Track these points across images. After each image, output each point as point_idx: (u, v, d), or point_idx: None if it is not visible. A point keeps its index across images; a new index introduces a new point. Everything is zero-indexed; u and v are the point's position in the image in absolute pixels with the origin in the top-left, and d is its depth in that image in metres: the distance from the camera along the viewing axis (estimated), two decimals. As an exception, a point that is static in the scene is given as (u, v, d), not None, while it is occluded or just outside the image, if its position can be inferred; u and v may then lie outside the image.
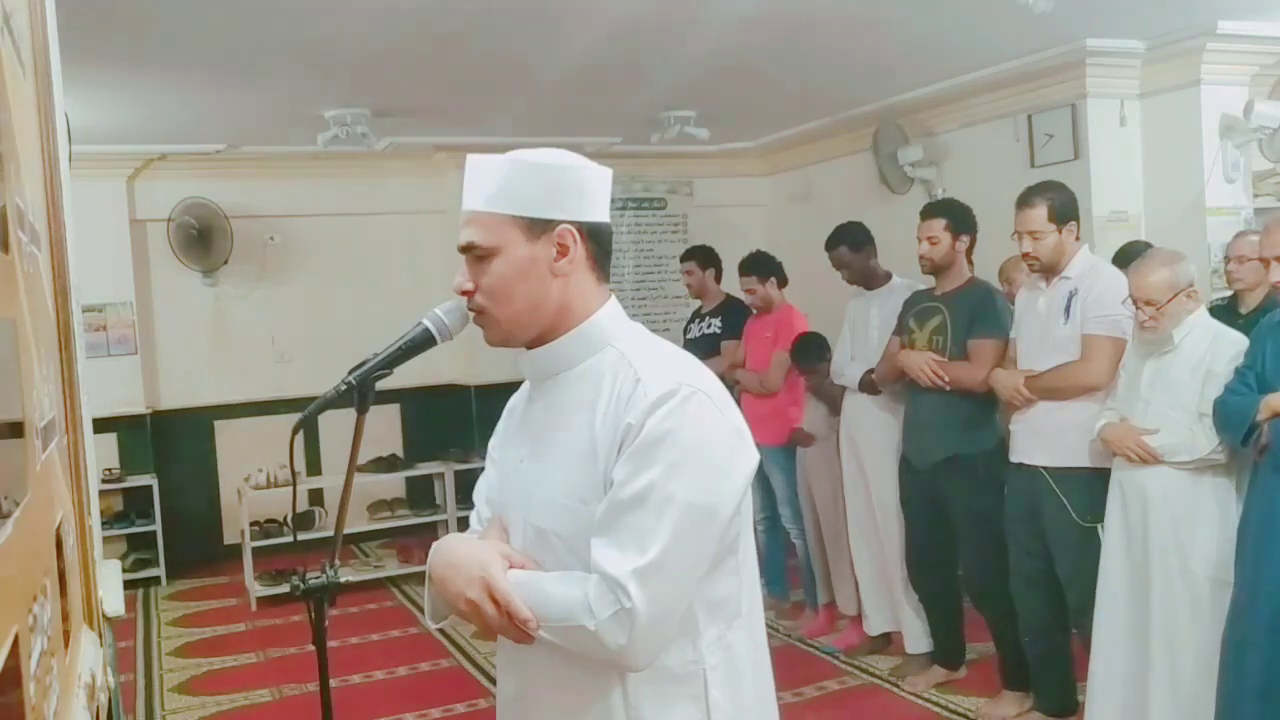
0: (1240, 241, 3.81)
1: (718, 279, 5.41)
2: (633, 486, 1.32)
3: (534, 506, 1.45)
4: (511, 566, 1.40)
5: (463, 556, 1.43)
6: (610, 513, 1.34)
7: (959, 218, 3.89)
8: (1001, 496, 3.70)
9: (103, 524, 4.61)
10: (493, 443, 1.62)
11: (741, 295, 5.15)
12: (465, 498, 6.21)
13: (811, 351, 4.60)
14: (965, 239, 3.89)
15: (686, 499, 1.33)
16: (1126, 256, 3.98)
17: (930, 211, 3.98)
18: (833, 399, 4.54)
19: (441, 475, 6.52)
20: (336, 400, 1.47)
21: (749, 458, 1.42)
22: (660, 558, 1.31)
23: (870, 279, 4.43)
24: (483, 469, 1.65)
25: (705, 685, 1.40)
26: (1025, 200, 3.50)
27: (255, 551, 5.92)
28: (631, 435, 1.34)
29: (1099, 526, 3.32)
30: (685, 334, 5.51)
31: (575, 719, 1.42)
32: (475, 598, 1.37)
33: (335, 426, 3.02)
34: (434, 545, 1.50)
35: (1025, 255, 3.51)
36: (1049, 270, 3.49)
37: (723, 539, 1.39)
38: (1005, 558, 3.68)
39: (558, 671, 1.41)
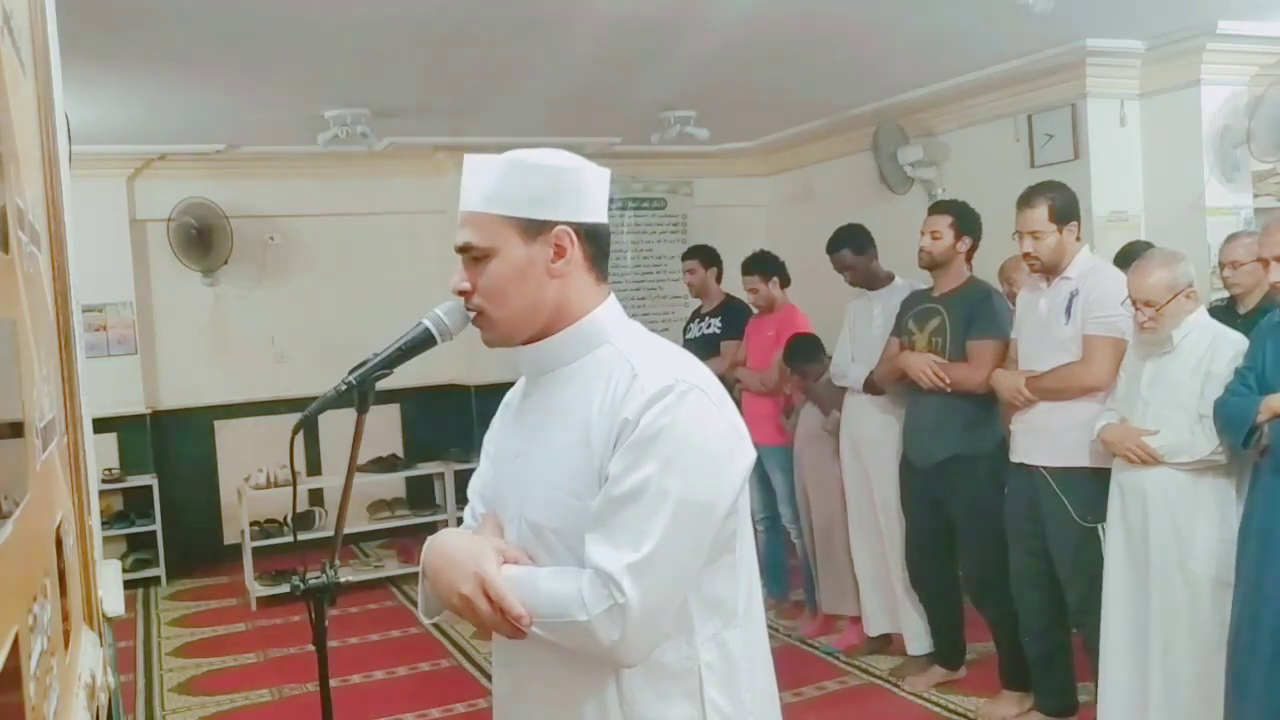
0: (1233, 246, 3.76)
1: (719, 279, 5.41)
2: (628, 481, 1.32)
3: (529, 501, 1.45)
4: (505, 561, 1.40)
5: (457, 551, 1.43)
6: (605, 507, 1.34)
7: (965, 218, 3.90)
8: (1002, 496, 3.70)
9: (103, 524, 4.61)
10: (488, 438, 1.62)
11: (742, 295, 5.15)
12: (465, 498, 6.18)
13: (804, 352, 4.59)
14: (967, 240, 3.90)
15: (682, 494, 1.32)
16: (1129, 257, 3.96)
17: (939, 208, 4.01)
18: (825, 400, 4.53)
19: (441, 475, 6.52)
20: (336, 400, 1.47)
21: (745, 454, 1.42)
22: (654, 553, 1.31)
23: (873, 280, 4.43)
24: (484, 469, 1.65)
25: (700, 682, 1.40)
26: (1026, 200, 3.50)
27: (255, 551, 5.92)
28: (627, 430, 1.34)
29: (1099, 526, 3.32)
30: (685, 334, 5.50)
31: (571, 715, 1.41)
32: (469, 593, 1.37)
33: (335, 426, 3.01)
34: (428, 540, 1.51)
35: (1026, 255, 3.51)
36: (1050, 270, 3.49)
37: (718, 535, 1.39)
38: (1005, 558, 3.67)
39: (552, 668, 1.41)
